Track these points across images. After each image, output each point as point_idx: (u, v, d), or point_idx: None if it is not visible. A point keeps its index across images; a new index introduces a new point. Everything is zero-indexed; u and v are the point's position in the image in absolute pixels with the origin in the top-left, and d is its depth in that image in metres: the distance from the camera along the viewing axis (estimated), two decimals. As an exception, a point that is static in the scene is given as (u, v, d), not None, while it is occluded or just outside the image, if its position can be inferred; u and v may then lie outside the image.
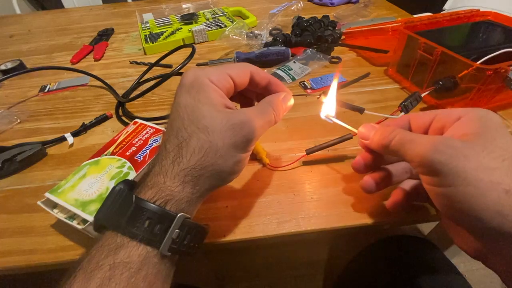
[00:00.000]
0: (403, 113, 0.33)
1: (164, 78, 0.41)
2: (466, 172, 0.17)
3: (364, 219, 0.27)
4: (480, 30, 0.45)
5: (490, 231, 0.17)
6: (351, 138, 0.31)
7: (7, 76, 0.48)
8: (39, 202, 0.27)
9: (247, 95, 0.28)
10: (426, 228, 0.56)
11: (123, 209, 0.19)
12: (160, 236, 0.19)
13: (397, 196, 0.25)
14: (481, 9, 0.48)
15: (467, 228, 0.19)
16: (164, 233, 0.19)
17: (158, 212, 0.19)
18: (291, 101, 0.26)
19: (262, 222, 0.27)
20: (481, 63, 0.35)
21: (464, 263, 0.90)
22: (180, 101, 0.21)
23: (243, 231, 0.27)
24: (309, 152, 0.32)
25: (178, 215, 0.20)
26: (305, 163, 0.33)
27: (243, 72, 0.24)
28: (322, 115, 0.30)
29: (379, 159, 0.26)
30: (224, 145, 0.20)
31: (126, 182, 0.21)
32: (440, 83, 0.36)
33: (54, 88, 0.51)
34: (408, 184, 0.26)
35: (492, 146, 0.18)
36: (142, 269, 0.18)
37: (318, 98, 0.30)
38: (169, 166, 0.20)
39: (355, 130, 0.26)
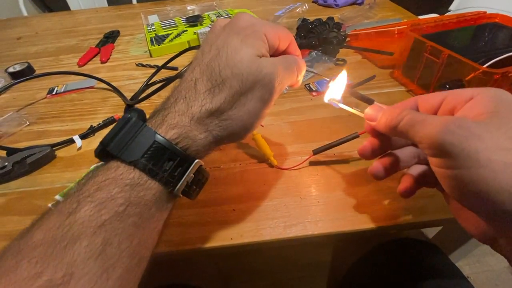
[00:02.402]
0: None
1: (169, 80, 0.41)
2: (479, 153, 0.16)
3: (371, 223, 0.27)
4: (487, 32, 0.45)
5: (503, 213, 0.16)
6: (358, 136, 0.30)
7: (16, 81, 0.49)
8: (49, 205, 0.27)
9: None
10: (430, 231, 0.56)
11: (141, 143, 0.19)
12: (178, 178, 0.20)
13: (407, 182, 0.24)
14: (488, 11, 0.48)
15: (477, 211, 0.18)
16: (181, 176, 0.20)
17: (180, 155, 0.19)
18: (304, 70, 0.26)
19: (269, 226, 0.28)
20: (488, 66, 0.35)
21: (469, 265, 0.89)
22: (225, 41, 0.21)
23: (251, 234, 0.27)
24: (316, 152, 0.32)
25: (196, 161, 0.20)
26: (312, 166, 0.33)
27: (288, 38, 0.23)
28: (326, 99, 0.28)
29: (386, 144, 0.25)
30: (253, 98, 0.20)
31: (138, 111, 0.21)
32: (447, 86, 0.36)
33: (62, 90, 0.51)
34: (416, 169, 0.25)
35: (508, 126, 0.17)
36: (153, 207, 0.19)
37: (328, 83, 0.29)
38: (196, 109, 0.20)
39: (362, 114, 0.25)
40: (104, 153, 0.19)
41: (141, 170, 0.18)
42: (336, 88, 0.28)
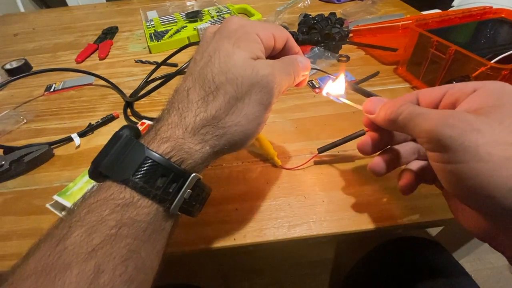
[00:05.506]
0: None
1: (169, 77, 0.40)
2: (478, 147, 0.15)
3: (377, 223, 0.26)
4: (493, 28, 0.44)
5: (502, 210, 0.16)
6: (364, 134, 0.29)
7: (13, 78, 0.48)
8: (47, 205, 0.27)
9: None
10: (433, 229, 0.55)
11: (132, 161, 0.18)
12: (173, 195, 0.18)
13: (408, 178, 0.23)
14: (494, 6, 0.47)
15: (476, 208, 0.18)
16: (177, 193, 0.18)
17: (174, 170, 0.18)
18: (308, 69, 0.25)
19: (272, 226, 0.27)
20: (496, 62, 0.34)
21: (470, 263, 0.89)
22: (216, 46, 0.20)
23: (254, 234, 0.26)
24: (321, 150, 0.31)
25: (192, 175, 0.19)
26: (316, 165, 0.32)
27: (283, 36, 0.23)
28: (324, 92, 0.28)
29: (386, 139, 0.24)
30: (251, 102, 0.19)
31: (130, 128, 0.20)
32: (453, 82, 0.35)
33: (60, 87, 0.51)
34: (415, 165, 0.24)
35: (510, 120, 0.16)
36: (148, 227, 0.18)
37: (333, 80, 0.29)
38: (190, 120, 0.19)
39: (360, 107, 0.24)
40: (97, 173, 0.18)
41: (132, 189, 0.17)
42: (337, 82, 0.27)
